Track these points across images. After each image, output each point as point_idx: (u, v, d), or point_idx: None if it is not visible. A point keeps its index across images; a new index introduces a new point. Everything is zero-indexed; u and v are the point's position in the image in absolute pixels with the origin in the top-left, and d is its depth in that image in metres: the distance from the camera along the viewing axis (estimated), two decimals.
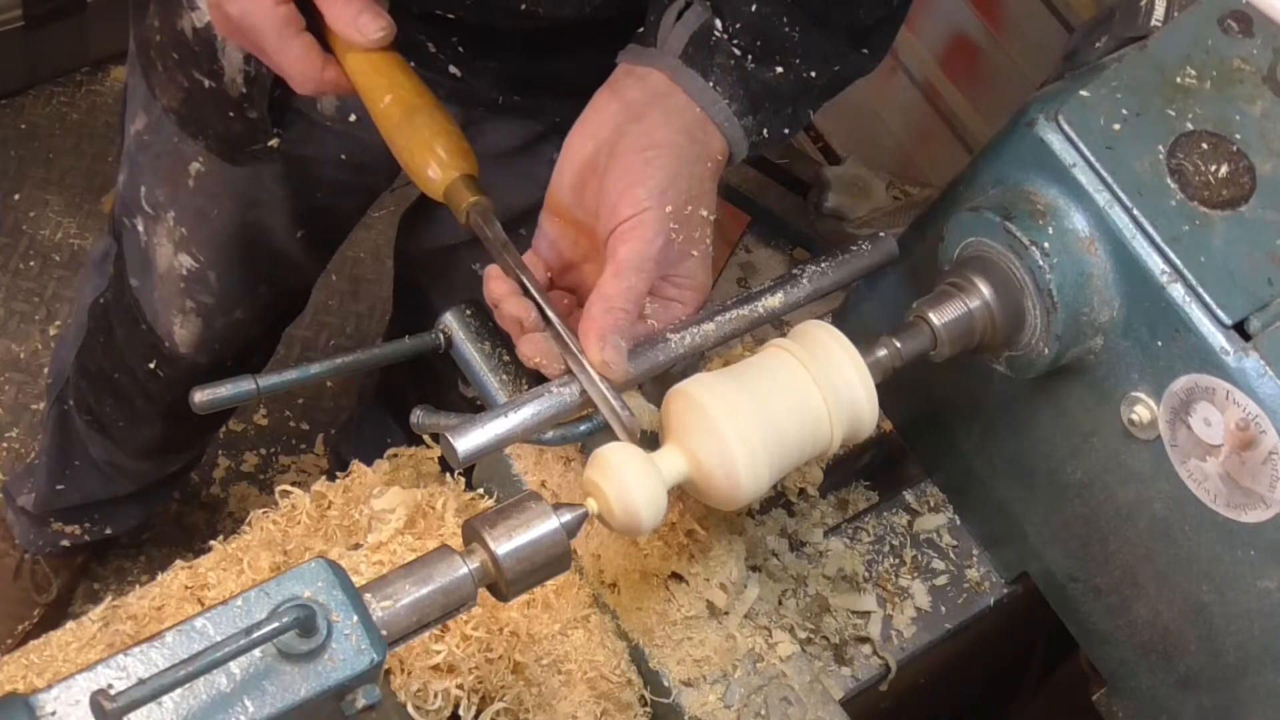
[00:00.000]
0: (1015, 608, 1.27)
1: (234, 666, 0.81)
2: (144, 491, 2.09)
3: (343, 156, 1.47)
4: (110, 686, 0.76)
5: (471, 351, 1.17)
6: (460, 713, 1.10)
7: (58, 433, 2.00)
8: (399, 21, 1.11)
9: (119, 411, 1.87)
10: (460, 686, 1.10)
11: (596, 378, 0.97)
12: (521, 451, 1.18)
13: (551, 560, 0.91)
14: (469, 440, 0.93)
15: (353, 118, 1.40)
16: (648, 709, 1.14)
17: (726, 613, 1.14)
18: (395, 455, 1.32)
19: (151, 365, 1.74)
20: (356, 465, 1.30)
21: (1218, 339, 0.93)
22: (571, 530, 0.92)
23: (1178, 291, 0.94)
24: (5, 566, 2.19)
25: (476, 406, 1.45)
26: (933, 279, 1.04)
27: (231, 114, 1.42)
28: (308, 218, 1.57)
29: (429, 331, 1.19)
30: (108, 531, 2.17)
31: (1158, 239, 0.95)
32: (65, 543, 2.16)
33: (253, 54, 1.15)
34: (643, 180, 0.98)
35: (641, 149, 0.99)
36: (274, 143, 1.44)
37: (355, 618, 0.84)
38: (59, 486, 2.06)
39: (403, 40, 1.12)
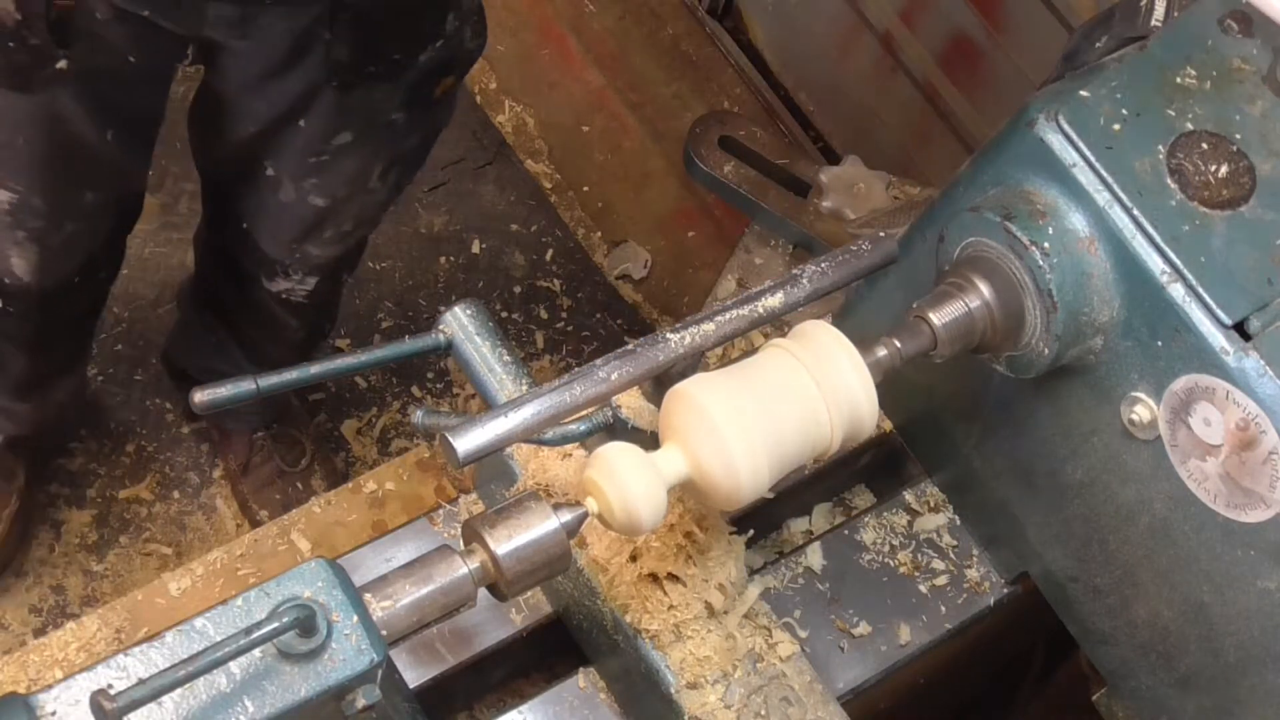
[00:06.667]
0: (1015, 608, 1.27)
1: (234, 666, 0.81)
2: (42, 424, 2.07)
3: (131, 59, 1.47)
4: (110, 686, 0.76)
5: (471, 351, 1.17)
6: None
7: None
8: None
9: None
10: None
11: None
12: (521, 451, 1.18)
13: (551, 560, 0.91)
14: (469, 440, 0.93)
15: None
16: None
17: (726, 613, 1.13)
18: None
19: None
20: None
21: (1218, 339, 0.93)
22: (571, 530, 0.92)
23: (1178, 291, 0.94)
24: None
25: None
26: (933, 279, 1.04)
27: (12, 44, 1.41)
28: (114, 120, 1.57)
29: (429, 332, 1.19)
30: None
31: (1158, 239, 0.94)
32: None
33: None
34: None
35: None
36: (62, 65, 1.43)
37: (355, 618, 0.84)
38: None
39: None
